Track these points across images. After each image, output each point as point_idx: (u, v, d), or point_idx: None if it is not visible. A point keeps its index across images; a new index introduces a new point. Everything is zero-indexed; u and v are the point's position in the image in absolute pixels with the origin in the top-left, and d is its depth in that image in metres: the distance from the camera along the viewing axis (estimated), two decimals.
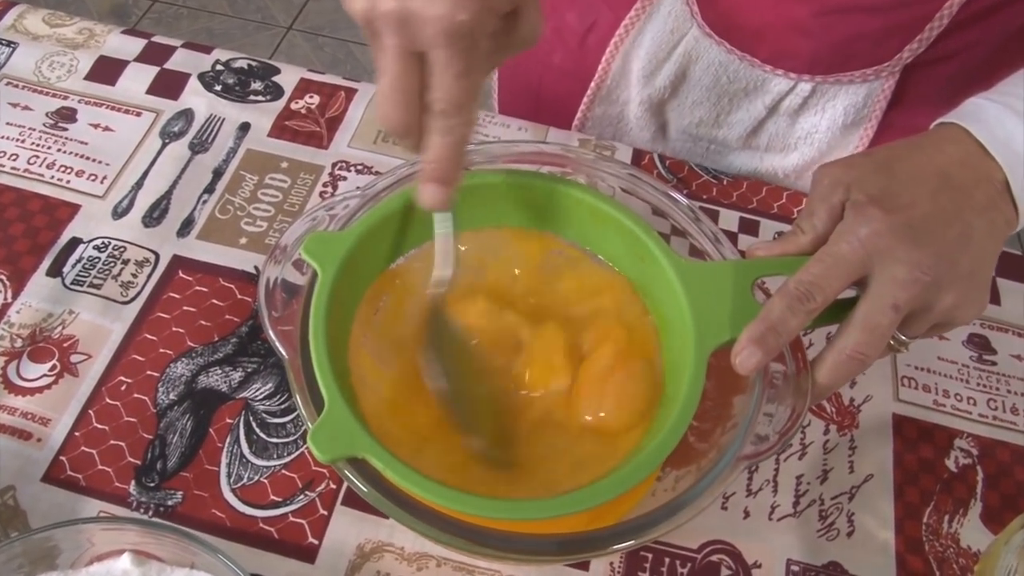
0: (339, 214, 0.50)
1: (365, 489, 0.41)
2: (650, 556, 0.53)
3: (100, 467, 0.52)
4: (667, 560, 0.53)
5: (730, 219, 0.68)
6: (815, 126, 0.70)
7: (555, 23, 0.73)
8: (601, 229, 0.52)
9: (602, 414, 0.48)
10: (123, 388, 0.55)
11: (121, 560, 0.44)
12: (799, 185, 0.76)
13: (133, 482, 0.52)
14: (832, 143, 0.71)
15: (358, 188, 0.52)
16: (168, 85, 0.70)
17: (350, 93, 0.72)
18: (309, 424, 0.42)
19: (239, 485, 0.53)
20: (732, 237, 0.67)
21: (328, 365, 0.43)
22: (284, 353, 0.45)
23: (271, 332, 0.45)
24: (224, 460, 0.53)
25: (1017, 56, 0.65)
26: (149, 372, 0.56)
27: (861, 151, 0.47)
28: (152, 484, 0.52)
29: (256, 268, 0.61)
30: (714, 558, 0.54)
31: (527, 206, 0.53)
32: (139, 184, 0.64)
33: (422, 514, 0.41)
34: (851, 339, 0.44)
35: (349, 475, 0.41)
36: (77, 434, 0.53)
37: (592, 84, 0.74)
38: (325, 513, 0.52)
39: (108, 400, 0.55)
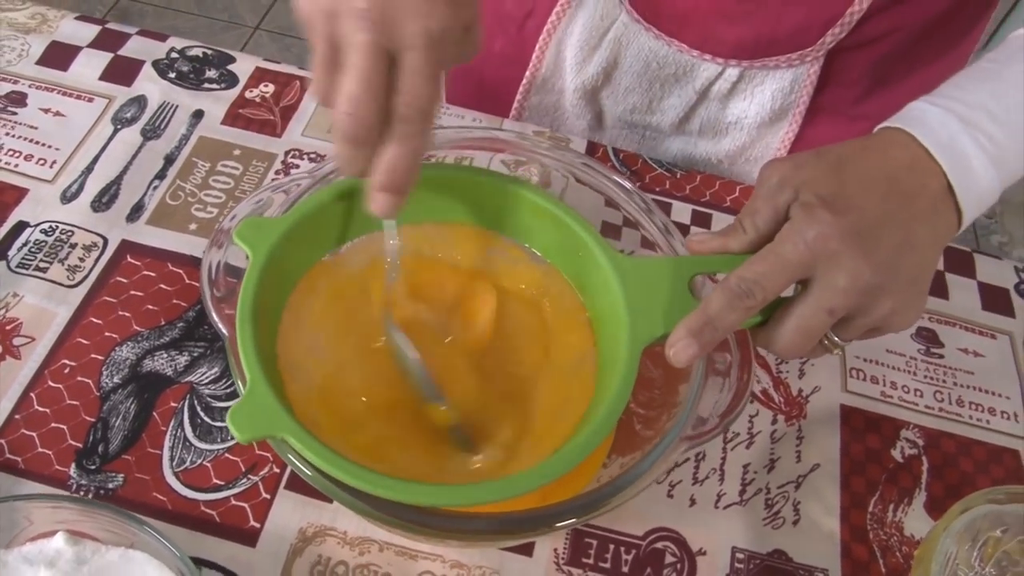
0: (289, 197, 0.50)
1: (309, 473, 0.41)
2: (595, 543, 0.53)
3: (40, 449, 0.52)
4: (611, 547, 0.53)
5: (683, 212, 0.69)
6: (744, 111, 0.71)
7: (495, 9, 0.74)
8: (540, 225, 0.52)
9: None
10: (66, 371, 0.55)
11: (55, 539, 0.44)
12: (733, 171, 0.77)
13: (73, 465, 0.51)
14: (762, 128, 0.72)
15: (306, 171, 0.52)
16: (122, 71, 0.70)
17: (305, 82, 0.72)
18: None
19: (182, 468, 0.52)
20: (684, 229, 0.68)
21: (252, 347, 0.42)
22: (225, 332, 0.45)
23: (213, 313, 0.45)
24: (167, 443, 0.53)
25: (936, 41, 0.66)
26: (93, 355, 0.55)
27: (809, 150, 0.47)
28: (93, 467, 0.51)
29: None
30: (659, 545, 0.54)
31: (467, 202, 0.52)
32: (89, 169, 0.64)
33: (363, 495, 0.41)
34: (782, 337, 0.44)
35: (292, 458, 0.41)
36: (17, 416, 0.53)
37: (527, 72, 0.75)
38: (268, 497, 0.52)
39: (51, 383, 0.54)
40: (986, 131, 0.44)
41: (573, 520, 0.42)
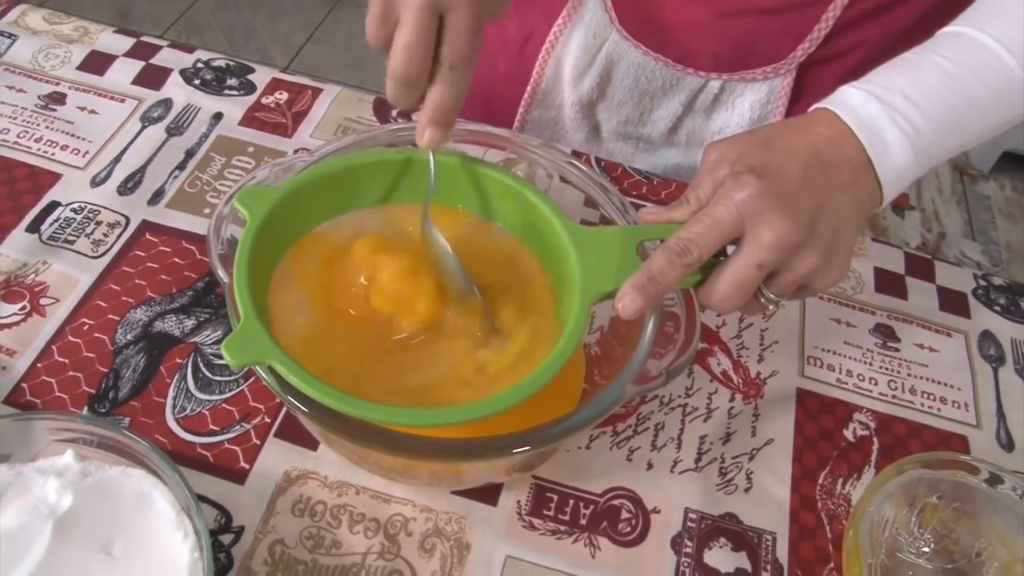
0: (292, 173, 0.56)
1: (296, 403, 0.46)
2: (555, 497, 0.57)
3: (57, 394, 0.57)
4: (571, 501, 0.57)
5: None
6: (726, 122, 0.77)
7: (500, 35, 0.81)
8: (504, 202, 0.57)
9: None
10: (85, 328, 0.61)
11: (65, 455, 0.49)
12: None
13: (86, 408, 0.57)
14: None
15: (306, 153, 0.58)
16: (152, 77, 0.77)
17: (316, 92, 0.79)
18: None
19: (182, 415, 0.58)
20: None
21: (247, 289, 0.48)
22: (224, 277, 0.50)
23: (215, 259, 0.51)
24: (171, 394, 0.58)
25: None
26: (110, 316, 0.61)
27: (745, 131, 0.53)
28: (103, 411, 0.57)
29: None
30: (616, 502, 0.58)
31: (439, 183, 0.58)
32: (117, 159, 0.71)
33: (338, 417, 0.46)
34: (719, 291, 0.49)
35: (274, 381, 0.46)
36: (39, 365, 0.59)
37: (528, 88, 0.81)
38: (258, 443, 0.57)
39: (70, 338, 0.60)
40: (902, 111, 0.50)
41: (527, 448, 0.47)
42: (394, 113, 0.78)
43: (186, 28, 2.28)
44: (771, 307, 0.52)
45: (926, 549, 0.55)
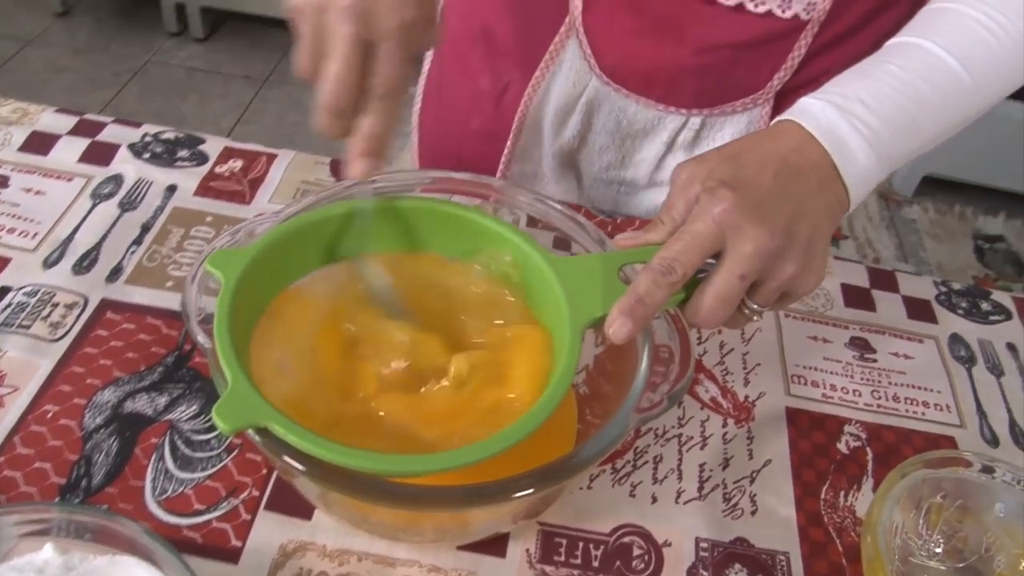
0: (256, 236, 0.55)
1: (297, 465, 0.44)
2: (564, 541, 0.55)
3: (23, 488, 0.54)
4: (580, 544, 0.56)
5: None
6: None
7: (471, 89, 0.81)
8: (476, 242, 0.56)
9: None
10: (49, 415, 0.57)
11: (44, 550, 0.46)
12: None
13: (57, 499, 0.53)
14: None
15: (270, 214, 0.57)
16: (99, 154, 0.75)
17: (271, 157, 0.78)
18: None
19: (164, 497, 0.54)
20: None
21: (231, 349, 0.46)
22: (205, 343, 0.48)
23: (194, 325, 0.49)
24: (149, 475, 0.55)
25: None
26: (76, 400, 0.58)
27: (712, 148, 0.54)
28: (77, 500, 0.53)
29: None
30: (626, 539, 0.56)
31: (405, 229, 0.57)
32: (70, 239, 0.68)
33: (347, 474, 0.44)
34: (704, 306, 0.49)
35: (273, 446, 0.44)
36: (1, 459, 0.55)
37: (508, 144, 0.81)
38: (248, 518, 0.54)
39: (34, 427, 0.56)
40: (861, 117, 0.52)
41: (531, 491, 0.45)
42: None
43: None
44: (755, 318, 0.52)
45: (937, 550, 0.55)
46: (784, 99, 0.73)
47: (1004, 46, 0.56)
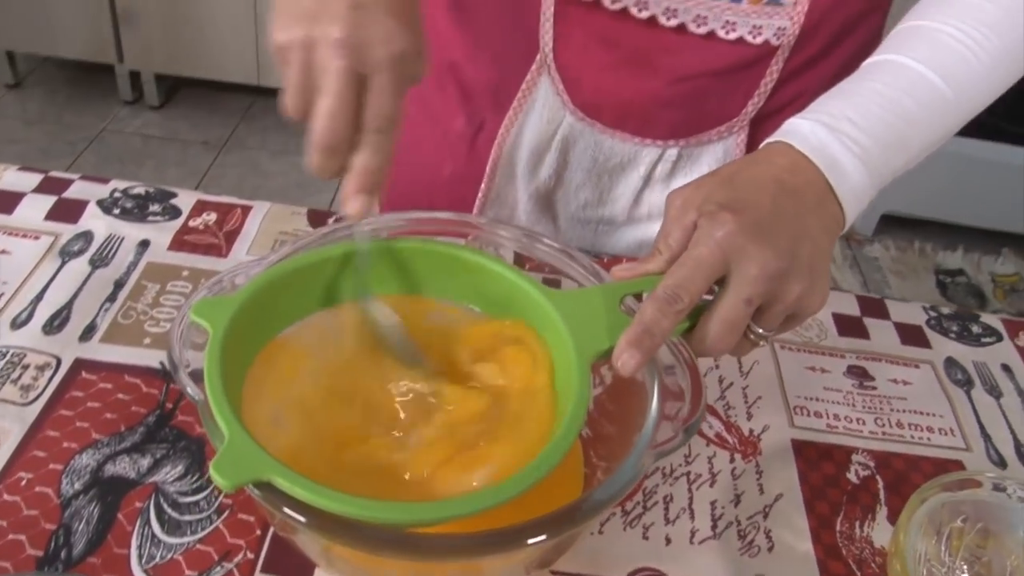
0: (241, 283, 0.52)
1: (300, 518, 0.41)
2: None
3: None
4: None
5: None
6: None
7: (441, 133, 0.79)
8: (468, 281, 0.55)
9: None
10: (23, 483, 0.53)
11: None
12: None
13: (34, 572, 0.49)
14: None
15: (256, 259, 0.54)
16: (67, 211, 0.72)
17: (246, 209, 0.76)
18: None
19: (151, 564, 0.50)
20: None
21: (226, 403, 0.43)
22: (196, 395, 0.45)
23: (184, 377, 0.46)
24: (135, 542, 0.51)
25: None
26: (52, 466, 0.54)
27: (705, 173, 0.54)
28: (57, 572, 0.49)
29: (162, 363, 0.62)
30: None
31: (401, 271, 0.55)
32: (39, 297, 0.65)
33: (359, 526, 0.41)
34: (711, 333, 0.48)
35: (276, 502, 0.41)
36: None
37: (482, 187, 0.79)
38: None
39: (6, 496, 0.52)
40: (850, 135, 0.52)
41: (543, 537, 0.43)
42: (331, 220, 0.75)
43: None
44: (761, 343, 0.51)
45: None
46: (759, 126, 0.73)
47: (981, 61, 0.57)
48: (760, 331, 0.50)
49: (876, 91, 0.55)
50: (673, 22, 0.66)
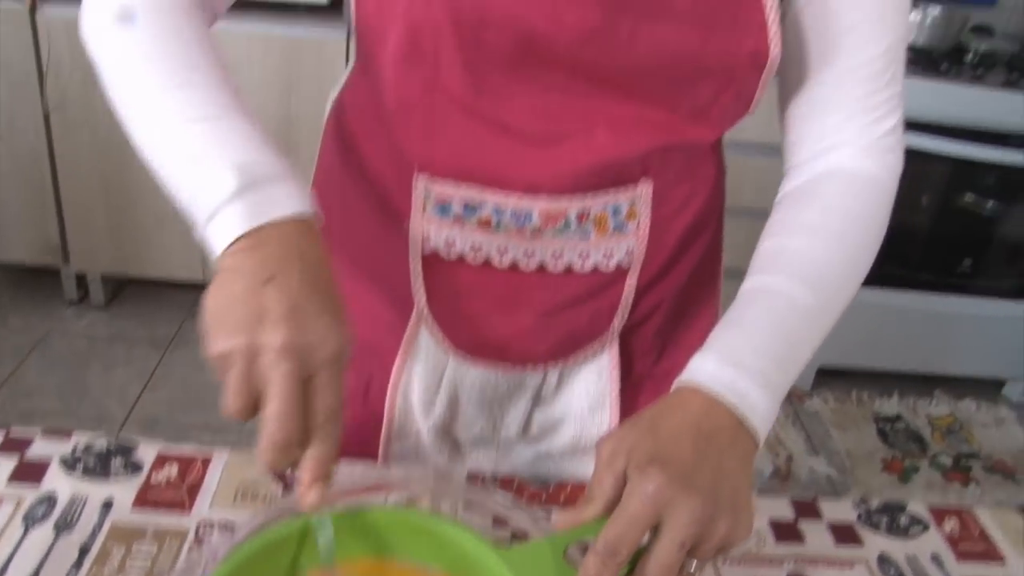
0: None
1: None
2: None
3: None
4: None
5: None
6: (568, 404, 0.84)
7: None
8: (429, 542, 0.59)
9: None
10: None
11: None
12: (573, 461, 0.87)
13: None
14: (586, 417, 0.84)
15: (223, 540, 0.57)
16: (29, 472, 0.74)
17: (206, 460, 0.78)
18: None
19: None
20: None
21: None
22: None
23: None
24: None
25: (692, 300, 0.84)
26: None
27: (628, 420, 0.59)
28: None
29: None
30: None
31: (354, 536, 0.59)
32: (3, 571, 0.66)
33: None
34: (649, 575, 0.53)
35: None
36: None
37: (384, 428, 0.85)
38: None
39: None
40: (752, 367, 0.59)
41: None
42: (289, 471, 0.78)
43: (12, 393, 2.18)
44: (696, 573, 0.56)
45: None
46: (627, 338, 0.81)
47: (843, 264, 0.66)
48: (694, 566, 0.55)
49: (762, 317, 0.63)
50: (533, 263, 0.74)
